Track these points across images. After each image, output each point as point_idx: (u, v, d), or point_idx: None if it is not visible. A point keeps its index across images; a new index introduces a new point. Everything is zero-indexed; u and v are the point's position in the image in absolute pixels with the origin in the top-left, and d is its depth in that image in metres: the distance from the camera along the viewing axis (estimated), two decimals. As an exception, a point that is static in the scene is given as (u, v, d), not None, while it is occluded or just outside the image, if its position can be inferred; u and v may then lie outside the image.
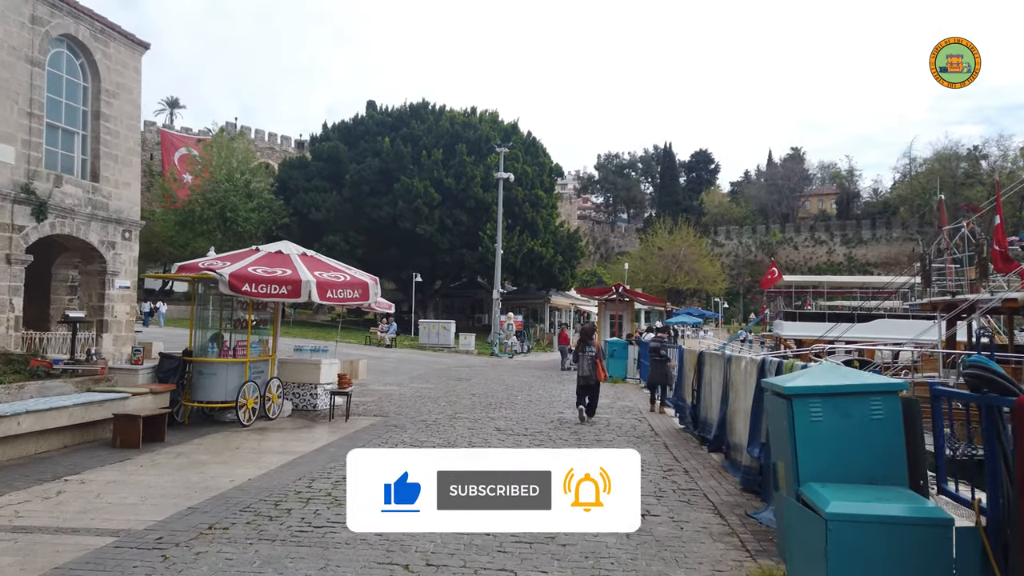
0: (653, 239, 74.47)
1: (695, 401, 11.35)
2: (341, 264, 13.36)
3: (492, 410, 14.97)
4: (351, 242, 51.13)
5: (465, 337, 38.49)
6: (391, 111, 56.17)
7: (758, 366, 7.80)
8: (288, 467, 8.81)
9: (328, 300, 11.90)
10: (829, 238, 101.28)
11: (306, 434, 11.43)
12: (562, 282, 55.59)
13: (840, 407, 4.53)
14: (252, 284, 11.36)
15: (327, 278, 12.06)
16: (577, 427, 12.83)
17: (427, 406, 15.38)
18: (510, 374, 25.29)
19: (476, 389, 19.45)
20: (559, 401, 16.99)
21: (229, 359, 11.94)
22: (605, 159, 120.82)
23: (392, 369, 25.57)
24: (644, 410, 16.03)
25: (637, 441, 11.45)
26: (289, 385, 13.96)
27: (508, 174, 41.67)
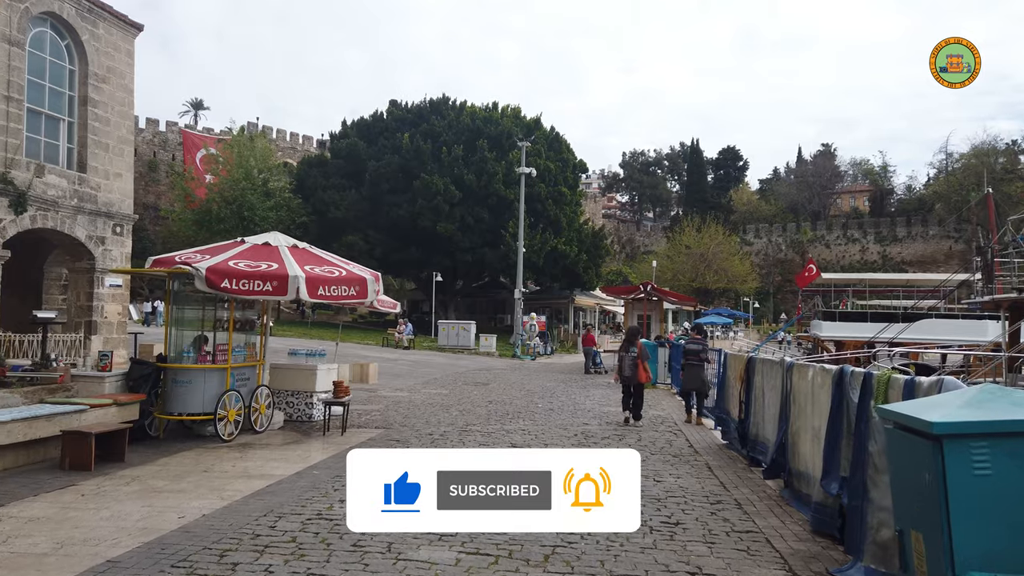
0: (681, 237, 72.48)
1: (742, 415, 9.72)
2: (337, 258, 11.89)
3: (509, 421, 13.43)
4: (370, 241, 49.89)
5: (486, 338, 36.98)
6: (411, 107, 54.85)
7: (834, 378, 6.18)
8: (257, 497, 7.33)
9: (320, 298, 10.43)
10: (862, 236, 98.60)
11: (292, 451, 9.96)
12: (586, 281, 53.90)
13: (1021, 454, 2.92)
14: (232, 280, 9.93)
15: (319, 273, 10.59)
16: (603, 442, 11.25)
17: (437, 416, 13.88)
18: (531, 378, 23.74)
19: (493, 395, 17.92)
20: (583, 410, 15.41)
21: (207, 365, 10.50)
22: (630, 157, 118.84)
23: (406, 372, 24.13)
24: (679, 420, 14.46)
25: (675, 461, 9.85)
26: (282, 393, 12.52)
27: (530, 169, 40.10)
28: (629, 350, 13.41)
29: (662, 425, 13.46)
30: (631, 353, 13.29)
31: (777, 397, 8.04)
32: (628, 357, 13.29)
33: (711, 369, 13.79)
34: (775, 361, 8.32)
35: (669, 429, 12.91)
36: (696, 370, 13.86)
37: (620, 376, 13.53)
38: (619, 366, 13.65)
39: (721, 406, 11.33)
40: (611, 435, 11.95)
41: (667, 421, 14.05)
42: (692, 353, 14.06)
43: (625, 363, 13.31)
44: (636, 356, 13.20)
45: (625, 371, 13.25)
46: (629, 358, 13.25)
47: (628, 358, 13.27)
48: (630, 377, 13.16)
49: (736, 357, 10.59)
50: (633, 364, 13.12)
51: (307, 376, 12.46)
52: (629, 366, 13.19)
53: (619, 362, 13.71)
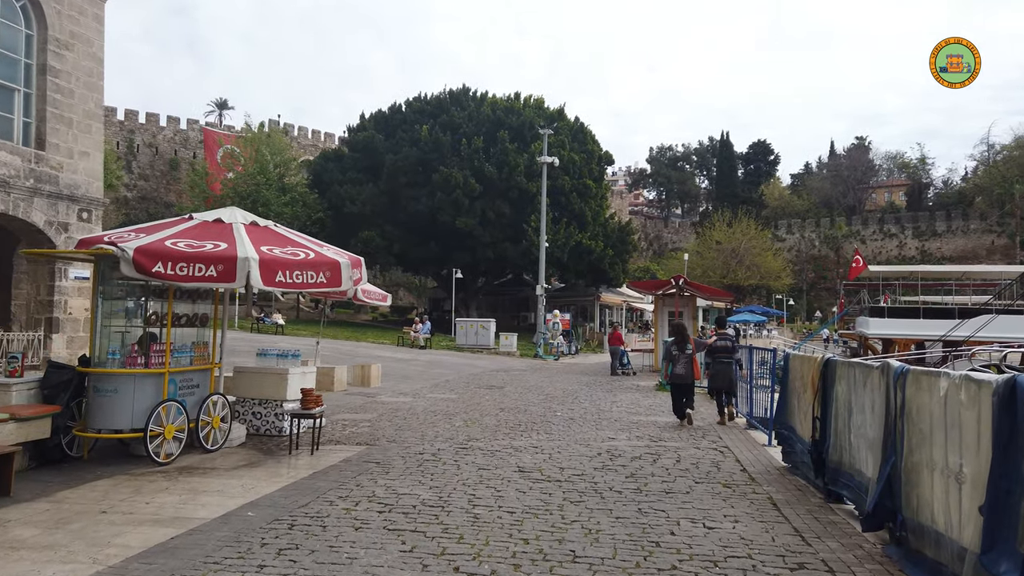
0: (711, 232, 69.76)
1: (817, 434, 7.45)
2: (308, 239, 9.79)
3: (520, 434, 11.26)
4: (388, 237, 48.01)
5: (507, 337, 34.83)
6: (430, 99, 52.80)
7: (998, 394, 3.95)
8: (144, 560, 5.23)
9: (279, 285, 8.33)
10: (900, 231, 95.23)
11: (239, 479, 7.87)
12: (612, 278, 51.52)
13: None
14: (168, 263, 7.88)
15: (279, 256, 8.50)
16: (633, 464, 9.05)
17: (437, 427, 11.75)
18: (552, 380, 21.55)
19: (507, 401, 15.77)
20: (609, 419, 13.20)
21: (138, 370, 8.45)
22: (658, 152, 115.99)
23: (416, 374, 22.05)
24: (714, 423, 12.51)
25: (728, 493, 7.62)
26: (247, 402, 10.47)
27: (552, 158, 37.83)
28: (684, 348, 12.84)
29: (704, 439, 11.22)
30: (687, 352, 12.79)
31: (877, 415, 5.78)
32: (684, 356, 12.72)
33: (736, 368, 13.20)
34: (871, 365, 6.05)
35: (713, 444, 10.67)
36: (726, 368, 13.20)
37: (671, 376, 12.90)
38: (669, 366, 13.00)
39: (782, 420, 9.05)
40: (643, 454, 9.73)
41: (708, 432, 11.80)
42: (723, 351, 13.32)
43: (680, 363, 12.69)
44: (691, 354, 12.79)
45: (680, 368, 12.63)
46: (684, 357, 12.70)
47: (684, 357, 12.71)
48: (685, 375, 12.65)
49: (804, 359, 8.29)
50: (689, 363, 12.68)
51: (277, 381, 10.37)
52: (685, 364, 12.64)
53: (670, 362, 13.00)
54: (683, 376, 12.75)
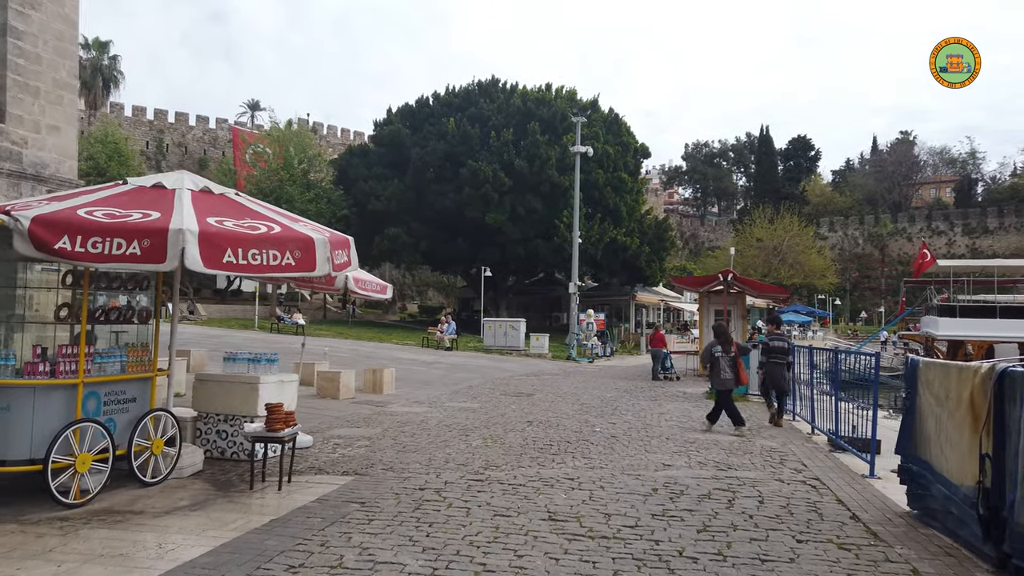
0: (751, 230, 66.69)
1: (985, 479, 5.10)
2: (278, 211, 7.63)
3: (551, 459, 9.01)
4: (414, 234, 46.00)
5: (538, 338, 32.57)
6: (458, 91, 50.65)
7: None
8: None
9: (227, 268, 6.19)
10: (948, 228, 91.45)
11: (160, 533, 5.70)
12: (649, 276, 48.98)
13: None
14: (75, 238, 5.80)
15: (230, 229, 6.36)
16: (703, 508, 6.77)
17: (448, 448, 9.57)
18: (587, 386, 19.27)
19: (537, 412, 13.54)
20: (659, 436, 10.92)
21: (39, 380, 6.38)
22: (693, 148, 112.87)
23: (437, 379, 19.91)
24: (802, 454, 9.86)
25: (850, 563, 5.31)
26: (209, 419, 8.36)
27: (586, 148, 35.61)
28: (729, 351, 11.91)
29: (783, 464, 8.90)
30: (731, 354, 11.90)
31: None
32: (727, 358, 11.82)
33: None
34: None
35: (798, 474, 8.33)
36: (780, 369, 12.71)
37: (716, 381, 12.03)
38: (715, 370, 11.94)
39: (908, 450, 6.66)
40: (712, 490, 7.43)
41: (788, 457, 9.47)
42: (778, 351, 12.77)
43: (723, 365, 11.77)
44: (736, 356, 11.96)
45: (727, 373, 11.74)
46: (728, 359, 11.82)
47: (727, 359, 11.82)
48: (732, 380, 11.81)
49: (953, 369, 5.90)
50: (734, 366, 11.84)
51: (246, 393, 8.23)
52: (730, 367, 11.79)
53: (713, 366, 11.99)
54: (730, 381, 11.84)
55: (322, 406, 13.32)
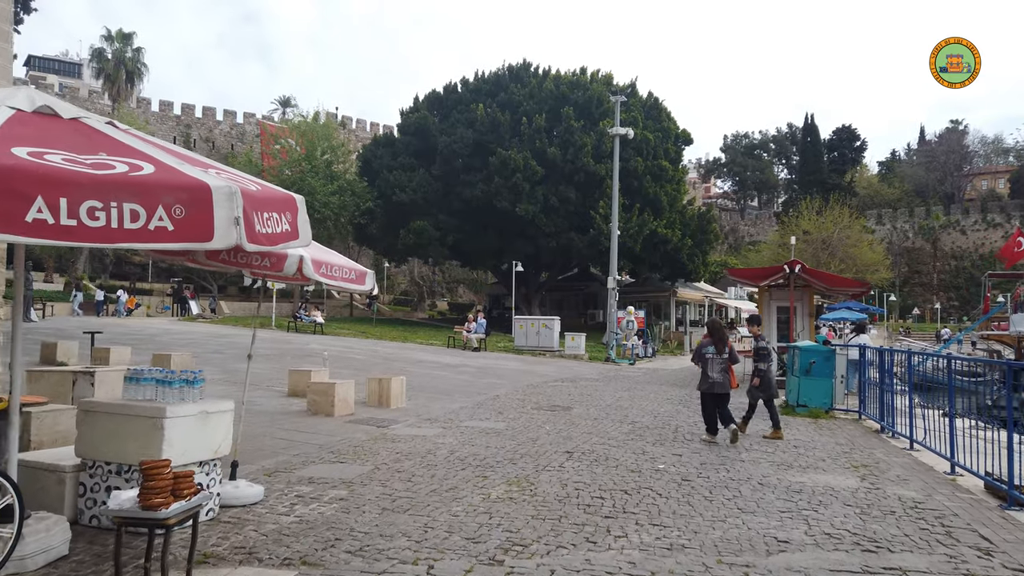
0: (797, 222, 62.88)
1: None
2: (166, 147, 4.79)
3: (604, 531, 6.18)
4: (441, 227, 43.41)
5: (573, 338, 29.72)
6: (487, 76, 47.87)
7: None
8: None
9: (29, 232, 3.47)
10: (1005, 220, 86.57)
11: None
12: (691, 271, 45.76)
13: None
14: None
15: (58, 166, 3.63)
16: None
17: (458, 502, 6.79)
18: (634, 395, 16.41)
19: (577, 437, 10.72)
20: (750, 483, 8.04)
21: None
22: (732, 140, 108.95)
23: (460, 387, 17.18)
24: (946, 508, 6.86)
25: None
26: (96, 471, 5.65)
27: (626, 129, 32.60)
28: (722, 350, 10.91)
29: (953, 536, 6.00)
30: (724, 355, 10.92)
31: None
32: (719, 359, 10.86)
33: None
34: None
35: (988, 558, 5.44)
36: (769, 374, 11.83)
37: (702, 383, 11.00)
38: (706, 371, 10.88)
39: None
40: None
41: (951, 522, 6.54)
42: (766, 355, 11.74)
43: (714, 366, 10.80)
44: (728, 358, 11.02)
45: (715, 376, 10.79)
46: (720, 360, 10.87)
47: (719, 360, 10.85)
48: (723, 383, 10.88)
49: None
50: (725, 368, 10.98)
51: (146, 432, 5.45)
52: (721, 370, 10.85)
53: (704, 366, 10.94)
54: (722, 384, 10.80)
55: (308, 428, 10.64)
